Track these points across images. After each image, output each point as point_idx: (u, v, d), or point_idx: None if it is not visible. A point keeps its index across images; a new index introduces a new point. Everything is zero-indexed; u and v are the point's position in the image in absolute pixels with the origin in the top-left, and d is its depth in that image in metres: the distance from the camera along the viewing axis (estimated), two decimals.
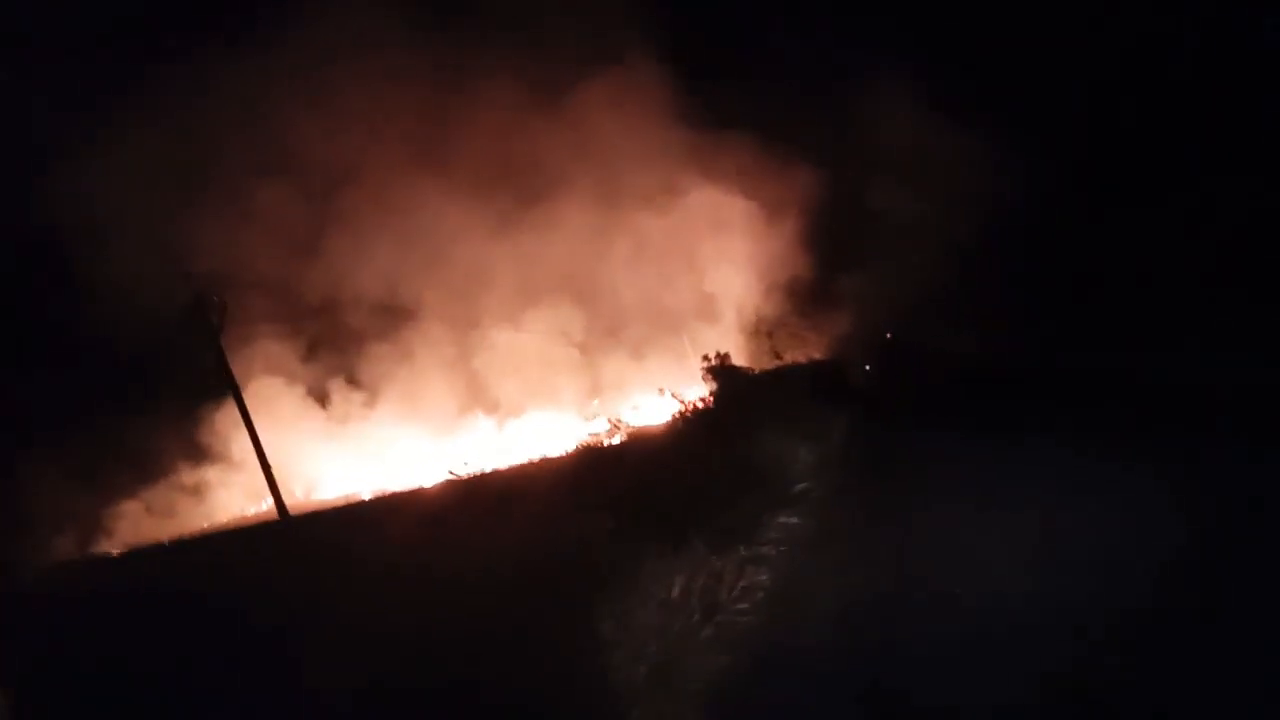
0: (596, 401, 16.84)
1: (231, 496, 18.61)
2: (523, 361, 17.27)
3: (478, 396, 17.67)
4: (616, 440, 15.18)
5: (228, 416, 18.20)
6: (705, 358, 14.64)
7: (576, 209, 17.23)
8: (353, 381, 18.88)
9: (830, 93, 16.48)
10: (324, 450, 18.44)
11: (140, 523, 17.96)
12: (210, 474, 18.49)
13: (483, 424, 17.54)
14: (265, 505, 17.91)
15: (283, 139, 17.05)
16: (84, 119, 16.00)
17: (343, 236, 17.74)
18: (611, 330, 17.34)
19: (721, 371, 14.67)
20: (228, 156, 17.03)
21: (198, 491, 18.68)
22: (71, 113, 16.00)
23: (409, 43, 16.80)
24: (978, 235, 16.08)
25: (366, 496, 16.91)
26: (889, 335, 15.56)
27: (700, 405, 14.53)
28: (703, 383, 14.90)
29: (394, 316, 18.22)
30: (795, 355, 15.96)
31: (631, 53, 16.73)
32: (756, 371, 15.07)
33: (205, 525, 17.98)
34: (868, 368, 15.79)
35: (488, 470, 15.77)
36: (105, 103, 15.92)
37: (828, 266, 16.96)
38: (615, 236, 17.22)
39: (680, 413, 14.78)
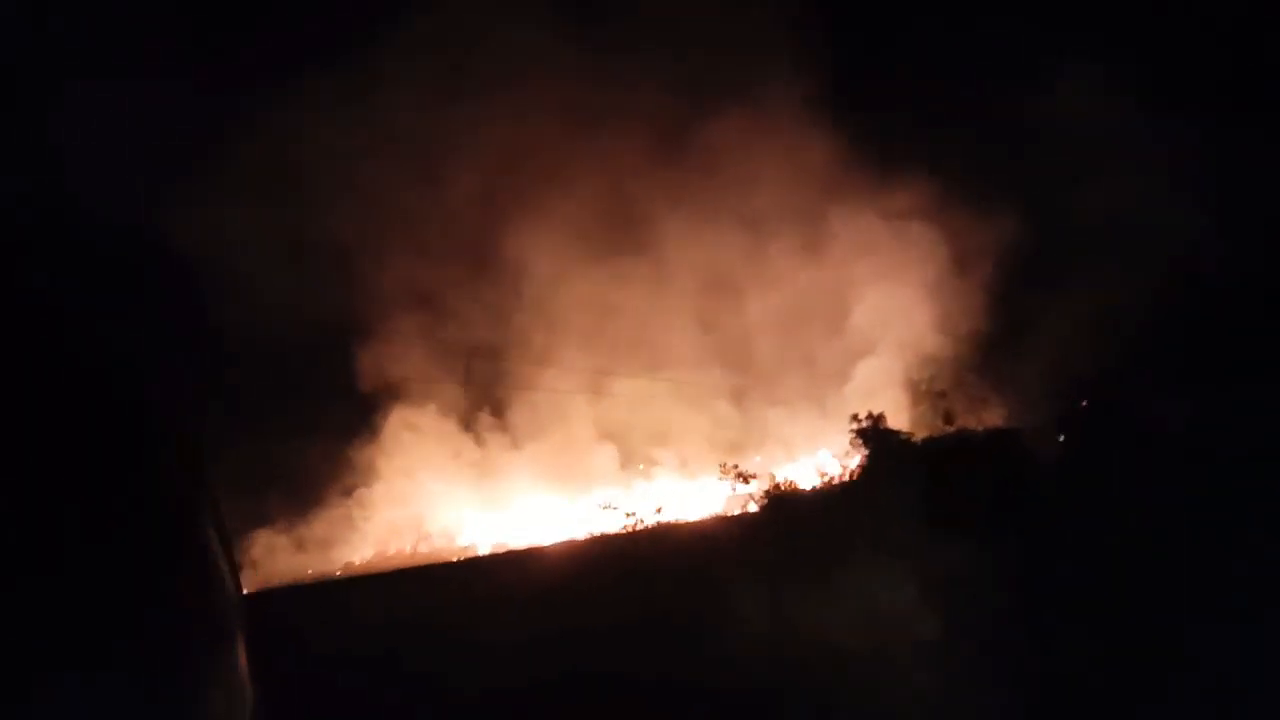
0: (733, 463, 14.98)
1: (368, 534, 18.24)
2: (661, 414, 15.79)
3: (614, 450, 16.36)
4: (754, 508, 13.33)
5: (366, 456, 17.85)
6: (854, 418, 12.45)
7: (725, 250, 15.69)
8: (496, 417, 18.10)
9: (1022, 105, 14.16)
10: (458, 494, 17.69)
11: (277, 555, 17.77)
12: (348, 513, 18.14)
13: (617, 479, 16.19)
14: (406, 548, 17.43)
15: (420, 176, 16.51)
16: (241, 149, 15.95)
17: (485, 277, 17.02)
18: (758, 382, 15.60)
19: (874, 435, 12.50)
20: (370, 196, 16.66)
21: (339, 527, 18.42)
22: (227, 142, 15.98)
23: (551, 76, 15.87)
24: (1205, 278, 13.40)
25: (486, 549, 15.98)
26: (1084, 403, 12.91)
27: (847, 476, 12.49)
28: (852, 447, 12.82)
29: (533, 362, 17.27)
30: (970, 420, 13.50)
31: (788, 83, 15.06)
32: (918, 439, 12.72)
33: (340, 566, 17.62)
34: (1062, 438, 13.18)
35: (615, 531, 14.42)
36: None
37: (1019, 316, 14.52)
38: (766, 280, 15.52)
39: (825, 483, 12.82)
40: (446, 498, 17.86)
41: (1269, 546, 11.00)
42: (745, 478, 12.41)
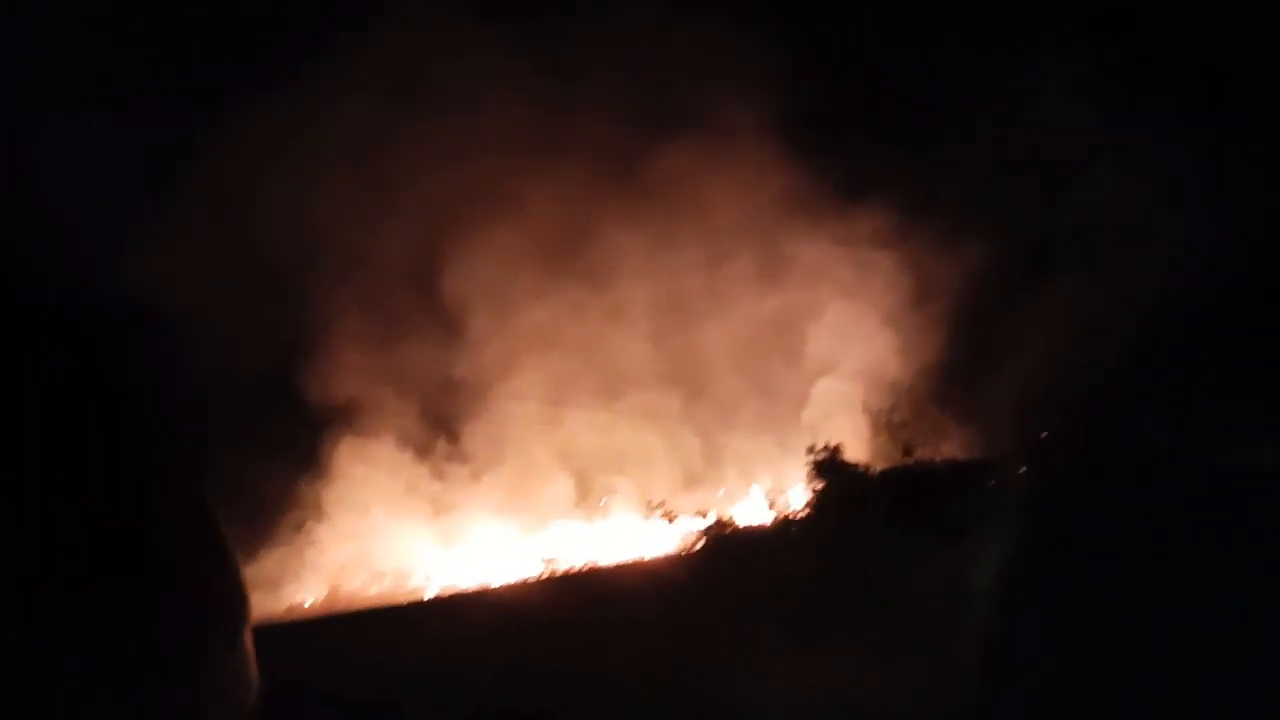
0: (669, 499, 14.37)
1: (319, 571, 17.68)
2: (619, 446, 15.35)
3: (563, 484, 15.89)
4: (704, 544, 12.91)
5: (316, 490, 17.31)
6: (810, 449, 12.14)
7: (676, 273, 15.34)
8: (450, 449, 17.60)
9: (988, 118, 13.94)
10: (412, 529, 17.17)
11: None
12: (298, 549, 17.58)
13: (566, 514, 15.73)
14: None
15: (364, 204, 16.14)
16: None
17: (439, 306, 16.64)
18: (717, 412, 15.19)
19: (832, 467, 12.14)
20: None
21: (289, 565, 17.86)
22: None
23: (503, 101, 15.54)
24: (1192, 294, 13.10)
25: (439, 588, 15.47)
26: (1045, 435, 12.54)
27: (804, 510, 12.09)
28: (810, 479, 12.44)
29: (488, 392, 16.79)
30: (930, 452, 13.15)
31: (746, 107, 14.80)
32: (874, 471, 12.39)
33: (288, 606, 17.06)
34: (1023, 470, 12.81)
35: (566, 570, 14.00)
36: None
37: (981, 343, 14.21)
38: (724, 309, 15.16)
39: (784, 516, 12.42)
40: (400, 533, 17.36)
41: (1247, 583, 10.60)
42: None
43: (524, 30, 15.20)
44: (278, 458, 17.33)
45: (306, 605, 16.79)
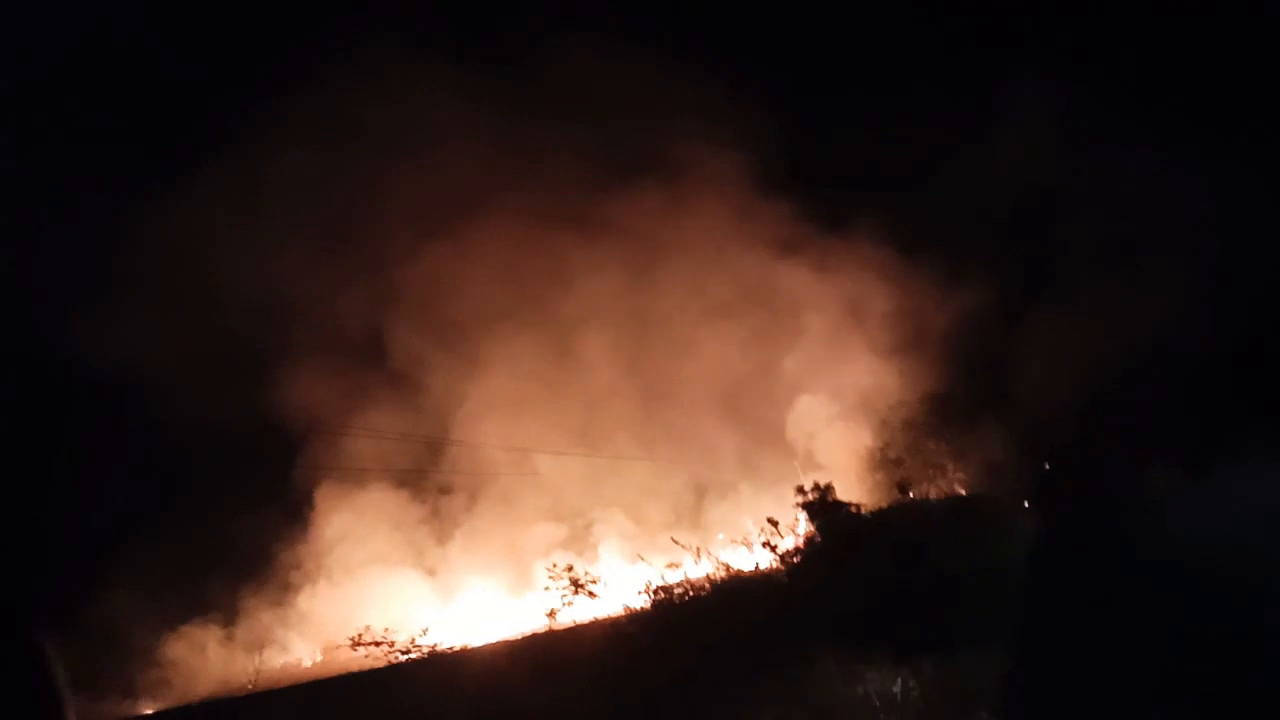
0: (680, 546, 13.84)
1: (307, 632, 17.16)
2: (610, 496, 14.84)
3: (560, 536, 15.35)
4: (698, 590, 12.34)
5: (304, 551, 16.89)
6: (799, 489, 11.56)
7: (663, 310, 14.96)
8: (441, 508, 17.14)
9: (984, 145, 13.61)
10: (403, 589, 16.66)
11: (194, 665, 16.62)
12: (286, 611, 17.08)
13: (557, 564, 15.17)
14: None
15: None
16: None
17: (426, 363, 16.27)
18: (706, 454, 14.67)
19: (822, 508, 11.56)
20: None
21: (275, 625, 17.35)
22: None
23: (485, 154, 15.35)
24: (1184, 327, 12.66)
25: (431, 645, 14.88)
26: (1048, 466, 11.98)
27: (795, 553, 11.51)
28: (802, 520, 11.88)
29: (476, 446, 16.38)
30: (928, 489, 12.57)
31: (737, 147, 14.57)
32: (867, 511, 11.75)
33: (279, 666, 16.53)
34: (1027, 504, 12.24)
35: (554, 627, 13.44)
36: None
37: (977, 378, 13.71)
38: (717, 352, 14.72)
39: (778, 561, 11.86)
40: (390, 592, 16.87)
41: (1247, 624, 10.05)
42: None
43: (505, 82, 15.05)
44: (269, 517, 17.04)
45: (300, 663, 16.39)
